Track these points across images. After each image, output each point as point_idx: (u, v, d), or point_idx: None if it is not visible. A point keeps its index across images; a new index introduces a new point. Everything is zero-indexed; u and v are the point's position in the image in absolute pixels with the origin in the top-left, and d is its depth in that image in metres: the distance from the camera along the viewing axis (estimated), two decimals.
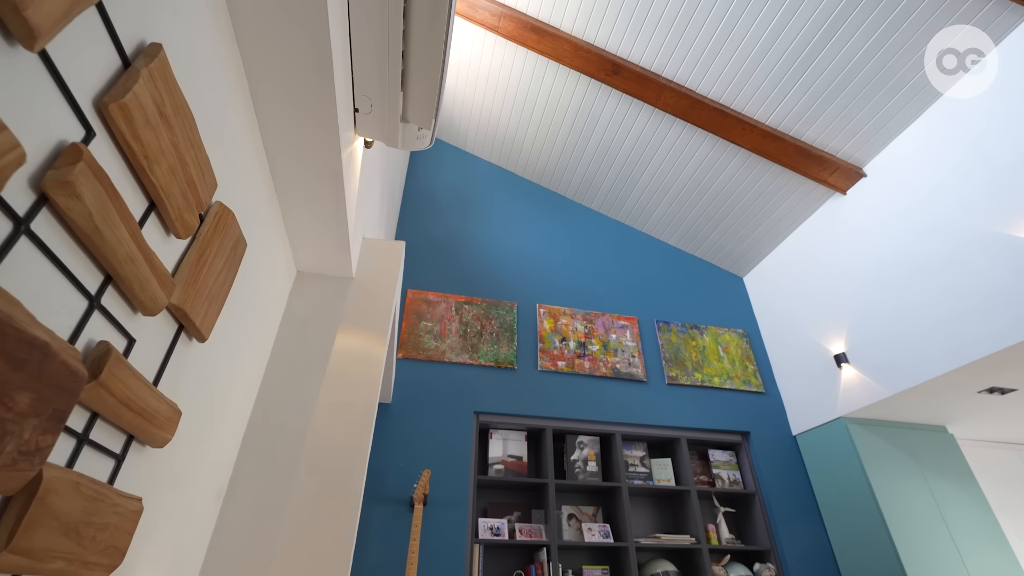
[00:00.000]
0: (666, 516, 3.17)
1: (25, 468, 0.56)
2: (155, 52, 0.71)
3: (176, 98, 0.77)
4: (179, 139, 0.79)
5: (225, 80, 0.98)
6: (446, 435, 2.86)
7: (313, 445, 1.45)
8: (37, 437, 0.57)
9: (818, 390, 3.25)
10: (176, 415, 0.90)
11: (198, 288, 0.94)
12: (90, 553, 0.70)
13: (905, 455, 2.97)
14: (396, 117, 1.41)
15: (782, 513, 3.05)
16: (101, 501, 0.71)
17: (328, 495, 1.40)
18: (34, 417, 0.56)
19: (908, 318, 2.72)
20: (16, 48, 0.51)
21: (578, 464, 3.05)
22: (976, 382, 2.62)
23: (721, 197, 3.76)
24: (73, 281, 0.64)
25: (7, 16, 0.48)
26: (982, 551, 2.72)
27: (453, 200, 3.96)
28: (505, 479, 2.88)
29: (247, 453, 1.36)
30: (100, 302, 0.70)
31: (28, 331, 0.53)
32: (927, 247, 2.69)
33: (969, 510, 2.86)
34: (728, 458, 3.34)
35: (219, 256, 1.01)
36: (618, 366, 3.40)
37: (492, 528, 2.70)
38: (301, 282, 1.70)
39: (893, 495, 2.79)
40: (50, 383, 0.57)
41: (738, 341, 3.78)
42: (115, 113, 0.65)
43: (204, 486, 1.16)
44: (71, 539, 0.65)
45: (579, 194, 4.23)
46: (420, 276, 3.45)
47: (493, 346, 3.26)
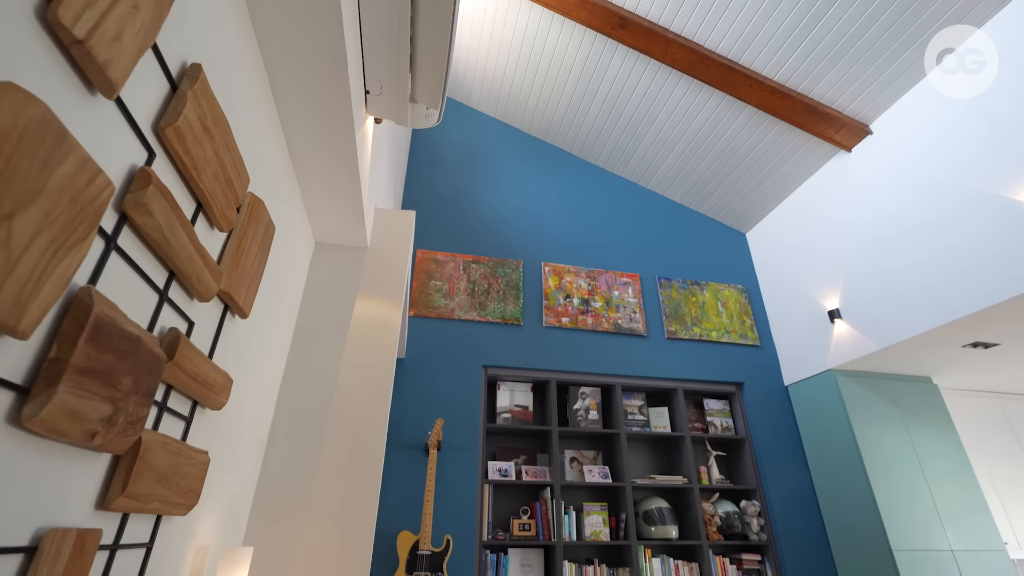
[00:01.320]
0: (661, 459, 3.41)
1: (131, 434, 0.71)
2: (196, 73, 0.80)
3: (215, 111, 0.86)
4: (219, 146, 0.89)
5: (249, 78, 1.06)
6: (457, 387, 3.06)
7: (340, 401, 1.62)
8: (137, 410, 0.72)
9: (811, 344, 3.40)
10: (229, 382, 1.05)
11: (239, 273, 1.06)
12: (176, 495, 0.87)
13: (888, 404, 3.15)
14: (405, 98, 1.48)
15: (769, 456, 3.28)
16: (181, 455, 0.87)
17: (356, 443, 1.59)
18: (135, 395, 0.70)
19: (900, 278, 2.81)
20: (97, 97, 0.61)
21: (580, 413, 3.27)
22: (961, 337, 2.74)
23: (727, 154, 3.75)
24: (148, 281, 0.77)
25: (93, 75, 0.58)
26: (951, 489, 2.95)
27: (459, 158, 3.99)
28: (512, 427, 3.11)
29: (282, 410, 1.53)
30: (168, 295, 0.83)
31: (126, 328, 0.67)
32: (923, 207, 2.73)
33: (944, 453, 3.06)
34: (722, 407, 3.54)
35: (254, 242, 1.12)
36: (620, 321, 3.55)
37: (500, 470, 2.95)
38: (320, 252, 1.82)
39: (873, 440, 2.99)
40: (143, 367, 0.71)
41: (737, 296, 3.90)
42: (171, 136, 0.75)
43: (249, 439, 1.33)
44: (163, 485, 0.82)
45: (585, 150, 4.23)
46: (429, 236, 3.55)
47: (500, 303, 3.40)
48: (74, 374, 0.57)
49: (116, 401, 0.66)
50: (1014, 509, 3.21)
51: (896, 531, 2.73)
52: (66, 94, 0.56)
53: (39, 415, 0.54)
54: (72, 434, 0.59)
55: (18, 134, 0.47)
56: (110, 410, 0.65)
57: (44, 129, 0.50)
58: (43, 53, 0.52)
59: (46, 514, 0.60)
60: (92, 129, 0.61)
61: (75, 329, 0.58)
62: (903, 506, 2.82)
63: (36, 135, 0.49)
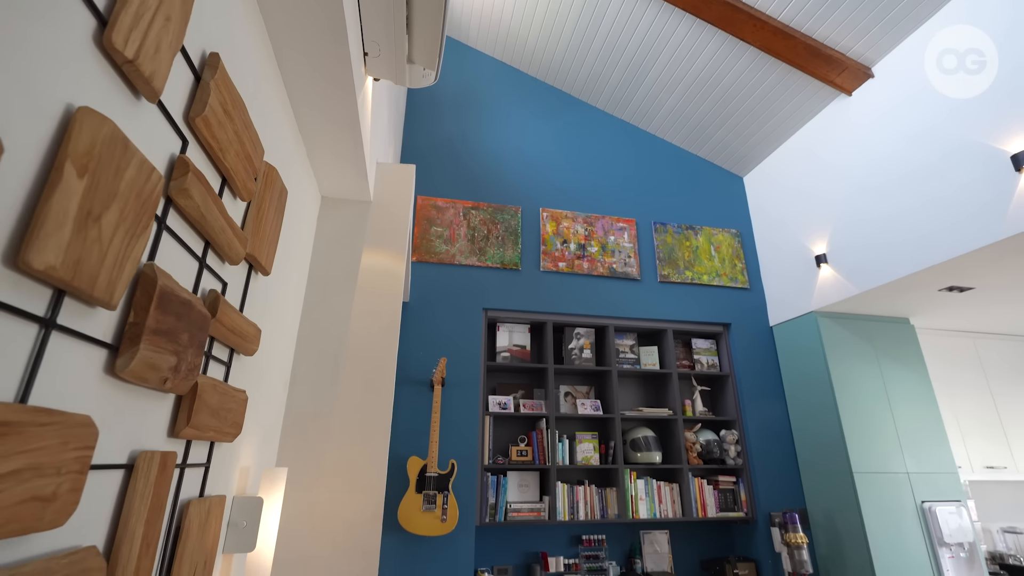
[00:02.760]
0: (649, 393, 3.68)
1: (190, 378, 0.87)
2: (215, 63, 0.89)
3: (233, 95, 0.95)
4: (238, 125, 0.99)
5: (257, 57, 1.13)
6: (459, 328, 3.25)
7: (352, 344, 1.80)
8: (193, 359, 0.87)
9: (797, 287, 3.55)
10: (258, 333, 1.21)
11: (261, 236, 1.19)
12: (225, 426, 1.05)
13: (864, 343, 3.35)
14: (403, 59, 1.53)
15: (750, 391, 3.54)
16: (226, 395, 1.04)
17: (368, 381, 1.78)
18: (191, 347, 0.86)
19: (887, 225, 2.91)
20: (142, 102, 0.71)
21: (575, 352, 3.49)
22: (937, 281, 2.88)
23: (728, 96, 3.72)
24: (190, 252, 0.90)
25: (140, 86, 0.68)
26: (914, 420, 3.21)
27: (457, 100, 3.95)
28: (511, 365, 3.33)
29: (301, 353, 1.71)
30: (206, 262, 0.96)
31: (180, 295, 0.81)
32: (915, 154, 2.78)
33: (911, 388, 3.30)
34: (709, 346, 3.76)
35: (271, 207, 1.24)
36: (614, 266, 3.69)
37: (500, 403, 3.21)
38: (326, 207, 1.93)
39: (846, 376, 3.22)
40: (195, 325, 0.86)
41: (730, 241, 4.00)
42: (200, 124, 0.85)
43: (275, 380, 1.51)
44: (215, 418, 0.99)
45: (585, 92, 4.17)
46: (429, 182, 3.61)
47: (499, 249, 3.53)
48: (149, 334, 0.72)
49: (178, 353, 0.81)
50: (972, 438, 3.50)
51: (858, 456, 3.02)
52: (120, 104, 0.67)
53: (128, 367, 0.69)
54: (150, 380, 0.75)
55: (98, 151, 0.58)
56: (175, 361, 0.80)
57: (114, 142, 0.61)
58: (100, 72, 0.63)
59: (136, 441, 0.78)
60: (140, 130, 0.72)
61: (146, 299, 0.72)
62: (867, 435, 3.09)
63: (110, 149, 0.60)
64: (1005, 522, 3.65)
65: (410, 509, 2.68)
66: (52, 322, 0.57)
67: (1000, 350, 3.86)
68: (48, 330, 0.57)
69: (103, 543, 0.70)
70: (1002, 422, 3.61)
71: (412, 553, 2.72)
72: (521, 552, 3.13)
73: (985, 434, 3.53)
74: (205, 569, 1.00)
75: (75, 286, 0.57)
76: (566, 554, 3.17)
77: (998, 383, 3.74)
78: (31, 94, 0.52)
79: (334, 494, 1.62)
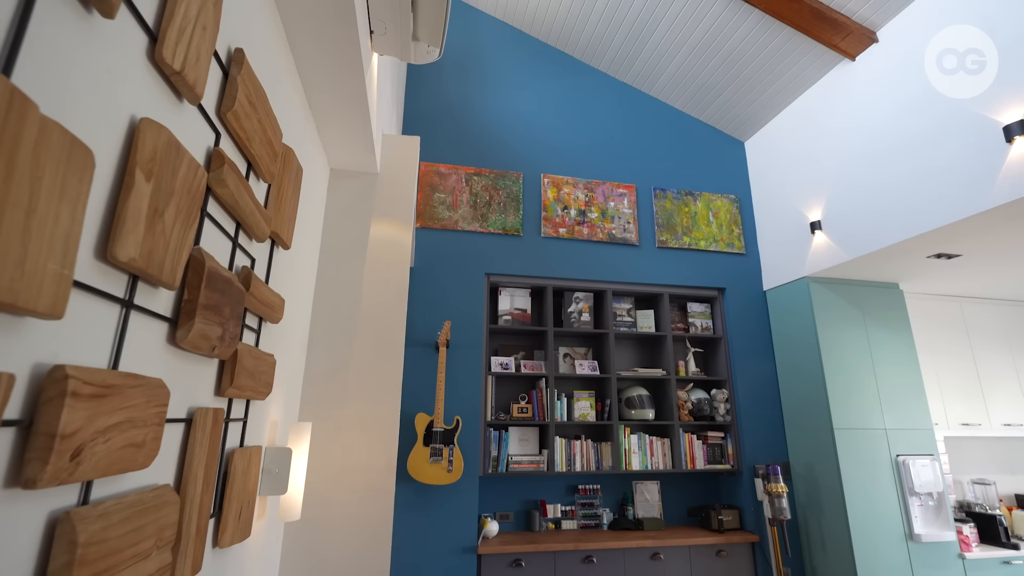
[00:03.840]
0: (645, 354, 3.84)
1: (232, 346, 0.99)
2: (240, 59, 0.96)
3: (256, 86, 1.03)
4: (260, 114, 1.07)
5: (273, 46, 1.19)
6: (462, 292, 3.38)
7: (364, 311, 1.92)
8: (234, 329, 0.99)
9: (791, 252, 3.64)
10: (282, 302, 1.32)
11: (282, 213, 1.29)
12: (259, 386, 1.18)
13: (853, 307, 3.48)
14: (408, 37, 1.57)
15: (741, 353, 3.69)
16: (259, 359, 1.17)
17: (379, 344, 1.91)
18: (232, 319, 0.97)
19: (881, 193, 2.97)
20: (185, 104, 0.80)
21: (573, 315, 3.62)
22: (926, 249, 2.97)
23: (731, 60, 3.68)
24: (225, 233, 1.00)
25: (185, 92, 0.76)
26: (895, 380, 3.37)
27: (459, 62, 3.92)
28: (512, 327, 3.48)
29: (316, 320, 1.83)
30: (238, 241, 1.07)
31: (223, 274, 0.92)
32: (911, 122, 2.81)
33: (895, 350, 3.45)
34: (703, 309, 3.89)
35: (289, 185, 1.33)
36: (614, 232, 3.77)
37: (502, 364, 3.37)
38: (335, 179, 2.01)
39: (833, 338, 3.36)
40: (234, 299, 0.98)
41: (728, 207, 4.06)
42: (230, 118, 0.93)
43: (296, 343, 1.64)
44: (252, 379, 1.13)
45: (587, 54, 4.12)
46: (430, 147, 3.64)
47: (501, 215, 3.60)
48: (201, 309, 0.84)
49: (223, 324, 0.93)
50: (951, 397, 3.68)
51: (839, 413, 3.20)
52: (169, 109, 0.75)
53: (187, 337, 0.81)
54: (202, 348, 0.87)
55: (159, 156, 0.68)
56: (220, 331, 0.92)
57: (170, 147, 0.71)
58: (152, 83, 0.71)
59: (192, 399, 0.91)
60: (185, 130, 0.81)
61: (197, 279, 0.83)
62: (849, 394, 3.26)
63: (167, 153, 0.70)
64: (976, 474, 3.89)
65: (418, 461, 2.88)
66: (130, 303, 0.68)
67: (985, 314, 3.99)
68: (128, 310, 0.68)
69: (173, 482, 0.84)
70: (981, 382, 3.78)
71: (422, 500, 2.94)
72: (522, 500, 3.38)
73: (964, 394, 3.71)
74: (248, 507, 1.16)
75: (148, 272, 0.68)
76: (563, 502, 3.42)
77: (981, 345, 3.89)
78: (104, 108, 0.61)
79: (352, 445, 1.79)
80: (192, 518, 0.86)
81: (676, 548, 3.13)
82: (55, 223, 0.49)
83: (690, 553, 3.15)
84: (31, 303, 0.47)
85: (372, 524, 1.71)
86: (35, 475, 0.50)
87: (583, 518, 3.33)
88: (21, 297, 0.45)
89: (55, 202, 0.49)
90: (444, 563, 2.88)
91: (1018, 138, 2.29)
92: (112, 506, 0.63)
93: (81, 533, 0.56)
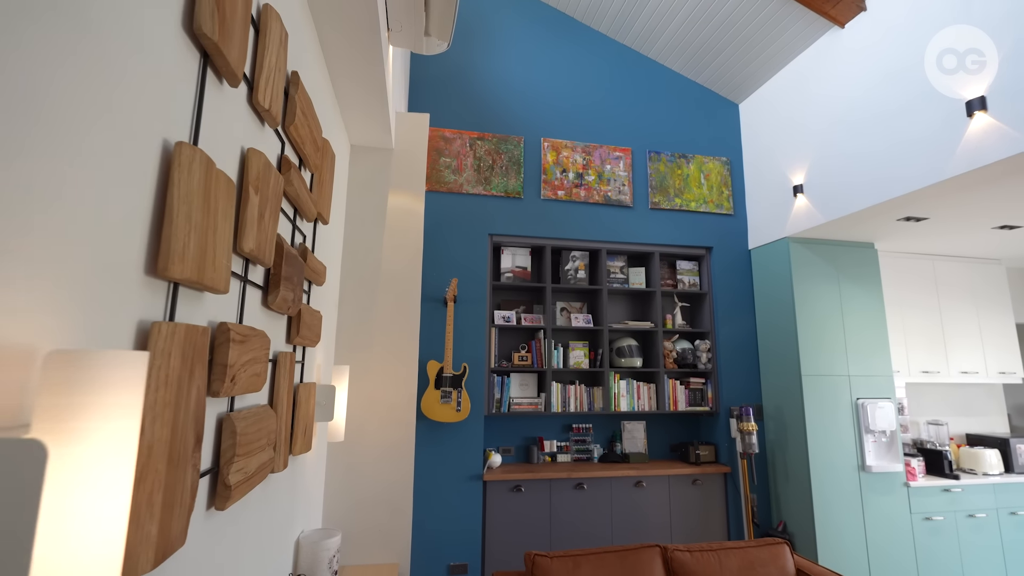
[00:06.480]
0: (635, 309, 4.17)
1: (297, 305, 1.30)
2: (296, 80, 1.21)
3: (306, 100, 1.28)
4: (309, 121, 1.33)
5: (313, 53, 1.43)
6: (467, 252, 3.66)
7: (385, 272, 2.22)
8: (299, 292, 1.30)
9: (775, 214, 3.88)
10: (324, 269, 1.62)
11: (323, 196, 1.56)
12: (313, 336, 1.50)
13: (828, 266, 3.76)
14: (421, 32, 1.78)
15: (724, 307, 4.01)
16: (312, 315, 1.49)
17: (398, 301, 2.23)
18: (298, 285, 1.28)
19: (856, 161, 3.18)
20: (266, 128, 1.07)
21: (570, 272, 3.92)
22: (896, 212, 3.21)
23: (728, 22, 3.78)
24: (287, 217, 1.28)
25: (269, 122, 1.03)
26: (862, 332, 3.71)
27: (462, 27, 4.01)
28: (513, 284, 3.79)
29: (345, 279, 2.14)
30: (296, 223, 1.35)
31: (291, 251, 1.21)
32: (889, 92, 2.98)
33: (864, 304, 3.76)
34: (691, 267, 4.18)
35: (327, 171, 1.60)
36: (609, 194, 4.00)
37: (504, 317, 3.71)
38: (356, 154, 2.25)
39: (807, 293, 3.67)
40: (298, 270, 1.28)
41: (720, 169, 4.26)
42: (292, 131, 1.20)
43: (331, 301, 1.96)
44: (309, 331, 1.44)
45: (587, 15, 4.20)
46: (437, 113, 3.81)
47: (503, 178, 3.83)
48: (283, 280, 1.14)
49: (293, 289, 1.24)
50: (915, 347, 4.03)
51: (808, 361, 3.55)
52: (260, 136, 1.02)
53: (275, 301, 1.12)
54: (283, 308, 1.18)
55: (261, 174, 0.96)
56: (292, 295, 1.23)
57: (267, 167, 0.98)
58: (251, 121, 0.98)
59: (275, 346, 1.22)
60: (266, 146, 1.08)
61: (279, 257, 1.13)
62: (818, 344, 3.60)
63: (265, 171, 0.98)
64: (931, 416, 4.30)
65: (431, 401, 3.27)
66: (246, 278, 0.98)
67: (954, 271, 4.27)
68: (244, 284, 0.98)
69: (267, 403, 1.18)
70: (944, 334, 4.11)
71: (434, 436, 3.36)
72: (522, 436, 3.81)
73: (927, 345, 4.06)
74: (309, 428, 1.51)
75: (258, 258, 0.97)
76: (559, 439, 3.85)
77: (948, 301, 4.19)
78: (229, 144, 0.89)
79: (378, 384, 2.14)
80: (281, 429, 1.19)
81: (657, 477, 3.57)
82: (223, 233, 0.78)
83: (669, 482, 3.60)
84: (218, 285, 0.76)
85: (397, 444, 2.09)
86: (218, 389, 0.82)
87: (576, 452, 3.77)
88: (213, 282, 0.75)
89: (223, 220, 0.78)
90: (455, 488, 3.33)
91: (978, 113, 2.50)
92: (247, 413, 0.96)
93: (238, 426, 0.89)
